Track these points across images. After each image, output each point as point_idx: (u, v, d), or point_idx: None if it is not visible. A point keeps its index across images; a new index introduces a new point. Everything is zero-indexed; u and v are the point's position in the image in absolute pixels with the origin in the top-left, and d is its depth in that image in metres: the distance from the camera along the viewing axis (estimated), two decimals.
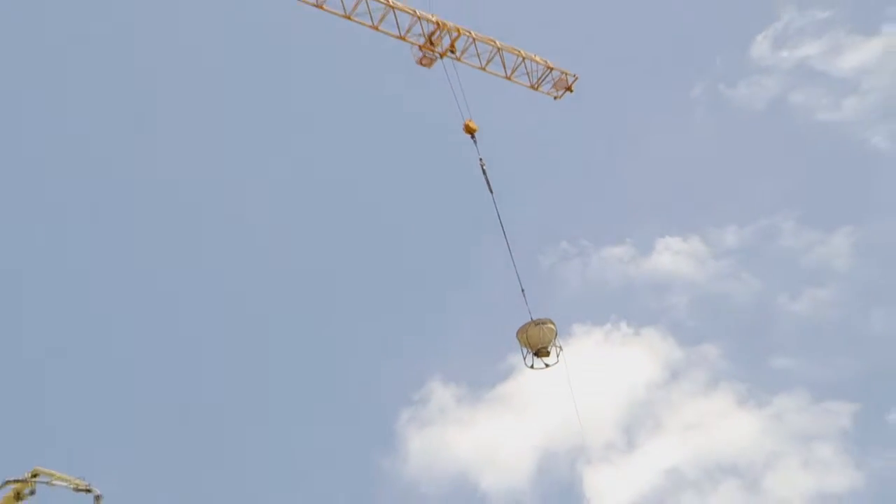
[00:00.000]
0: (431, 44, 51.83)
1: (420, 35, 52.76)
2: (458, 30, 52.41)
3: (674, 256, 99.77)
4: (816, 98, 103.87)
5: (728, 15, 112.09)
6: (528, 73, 56.35)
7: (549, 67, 56.76)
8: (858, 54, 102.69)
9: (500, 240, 49.79)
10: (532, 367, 47.36)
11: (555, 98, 57.68)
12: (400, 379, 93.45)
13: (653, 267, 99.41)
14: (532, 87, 56.69)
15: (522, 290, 47.68)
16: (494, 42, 54.43)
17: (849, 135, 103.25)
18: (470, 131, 51.08)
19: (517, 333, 47.56)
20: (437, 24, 51.79)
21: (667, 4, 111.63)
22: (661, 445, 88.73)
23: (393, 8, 51.85)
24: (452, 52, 52.20)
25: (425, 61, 52.24)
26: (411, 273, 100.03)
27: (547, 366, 47.20)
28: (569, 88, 57.46)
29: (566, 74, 57.31)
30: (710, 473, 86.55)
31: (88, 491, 55.81)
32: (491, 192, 49.69)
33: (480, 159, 50.29)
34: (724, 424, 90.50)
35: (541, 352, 47.13)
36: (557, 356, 46.87)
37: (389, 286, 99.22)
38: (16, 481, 54.66)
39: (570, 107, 58.68)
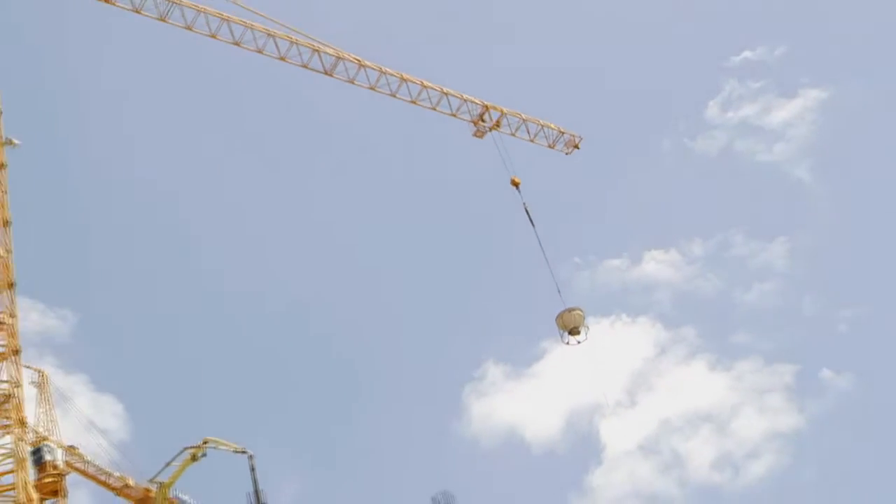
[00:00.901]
0: (482, 120, 66.17)
1: (466, 113, 67.19)
2: (500, 110, 67.26)
3: (658, 264, 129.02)
4: (755, 145, 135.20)
5: (688, 88, 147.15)
6: (546, 137, 69.44)
7: (560, 132, 69.78)
8: (784, 112, 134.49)
9: (534, 257, 61.88)
10: (567, 343, 56.70)
11: (566, 154, 70.30)
12: (464, 361, 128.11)
13: (643, 272, 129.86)
14: (549, 146, 69.72)
15: (559, 290, 58.99)
16: (520, 115, 68.46)
17: (780, 171, 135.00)
18: (515, 184, 63.29)
19: (556, 318, 56.91)
20: (485, 106, 66.67)
21: (643, 81, 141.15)
22: (655, 402, 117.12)
23: (446, 94, 67.29)
24: (497, 126, 66.18)
25: (478, 134, 66.29)
26: (472, 283, 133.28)
27: (579, 342, 56.64)
28: (576, 146, 69.95)
29: (574, 136, 70.02)
30: (691, 421, 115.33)
31: (244, 452, 69.61)
32: (533, 225, 61.69)
33: (524, 203, 62.55)
34: (700, 385, 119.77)
35: (573, 331, 56.41)
36: (586, 334, 56.51)
37: (458, 294, 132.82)
38: (191, 447, 69.92)
39: (577, 160, 72.06)
